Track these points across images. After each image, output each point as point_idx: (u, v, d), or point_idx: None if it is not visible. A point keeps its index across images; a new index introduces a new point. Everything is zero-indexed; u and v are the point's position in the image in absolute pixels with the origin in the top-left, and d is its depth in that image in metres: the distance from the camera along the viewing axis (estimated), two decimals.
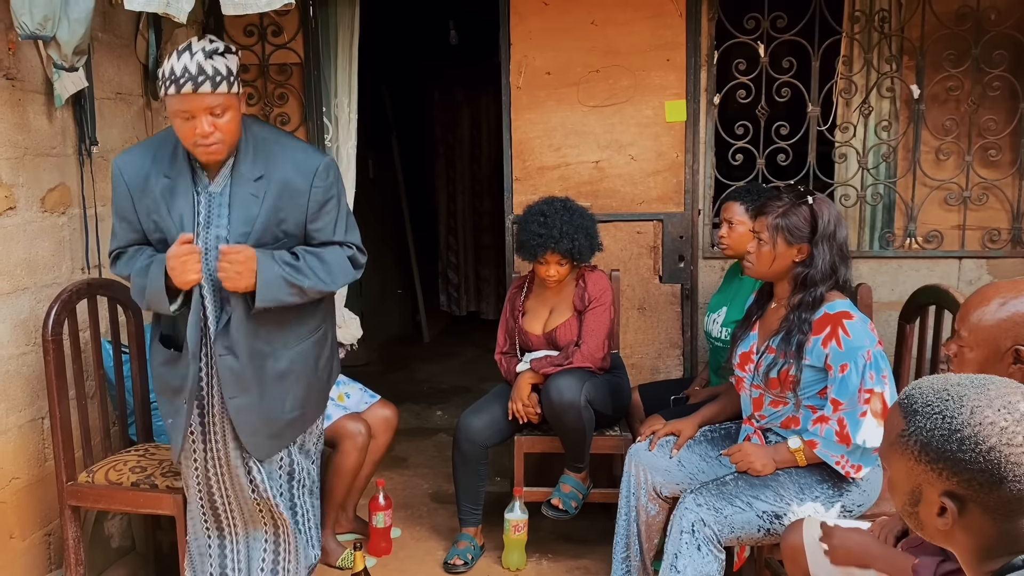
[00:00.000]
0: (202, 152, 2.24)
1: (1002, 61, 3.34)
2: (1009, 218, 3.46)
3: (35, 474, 2.92)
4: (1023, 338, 1.66)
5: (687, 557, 2.34)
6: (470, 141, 7.31)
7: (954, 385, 1.14)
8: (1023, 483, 1.07)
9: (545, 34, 3.56)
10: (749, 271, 2.55)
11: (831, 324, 2.36)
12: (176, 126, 2.24)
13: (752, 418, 2.56)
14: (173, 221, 2.32)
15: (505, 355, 3.31)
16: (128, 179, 2.34)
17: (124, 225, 2.39)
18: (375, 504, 3.22)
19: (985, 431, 1.08)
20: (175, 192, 2.32)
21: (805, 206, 2.41)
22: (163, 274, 2.26)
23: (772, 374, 2.42)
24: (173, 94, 2.18)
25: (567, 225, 3.02)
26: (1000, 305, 1.69)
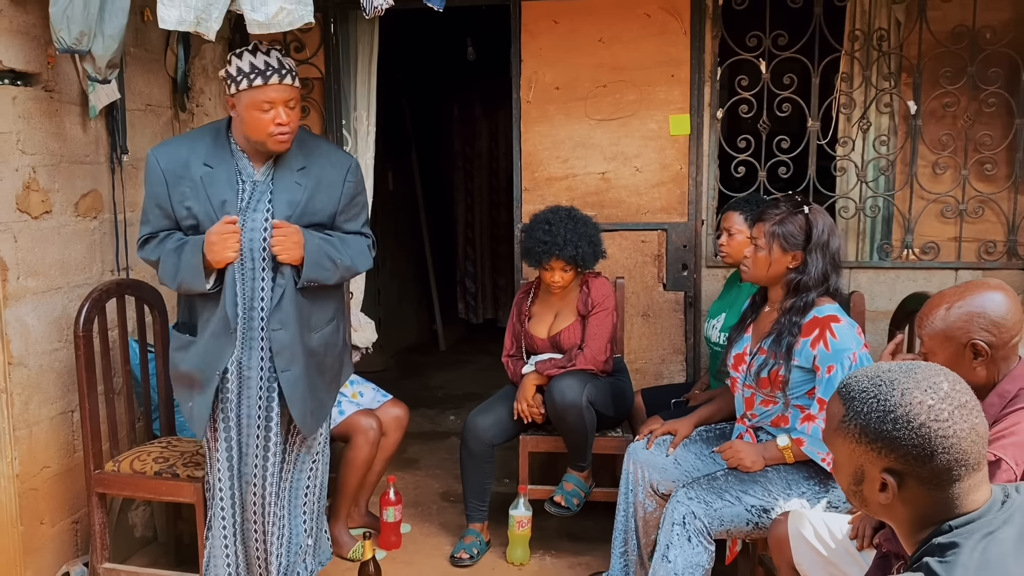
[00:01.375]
0: (276, 141, 2.43)
1: (997, 78, 3.44)
2: (1004, 231, 3.55)
3: (64, 464, 3.08)
4: (975, 334, 1.79)
5: (678, 548, 2.45)
6: (488, 154, 7.49)
7: (886, 372, 1.26)
8: (951, 453, 1.19)
9: (555, 51, 3.71)
10: (745, 275, 2.67)
11: (819, 327, 2.47)
12: (253, 117, 2.40)
13: (744, 417, 2.67)
14: (213, 205, 2.45)
15: (511, 358, 3.44)
16: (164, 167, 2.46)
17: (157, 211, 2.50)
18: (386, 499, 3.35)
19: (915, 410, 1.20)
20: (216, 179, 2.46)
21: (801, 215, 2.53)
22: (200, 252, 2.41)
23: (763, 374, 2.54)
24: (260, 85, 2.37)
25: (571, 233, 3.14)
26: (947, 310, 1.84)
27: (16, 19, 2.80)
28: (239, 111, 2.43)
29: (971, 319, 1.82)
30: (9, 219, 2.81)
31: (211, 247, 2.40)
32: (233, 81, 2.40)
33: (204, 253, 2.42)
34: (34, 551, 2.90)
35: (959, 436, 1.19)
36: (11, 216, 2.82)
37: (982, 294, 1.86)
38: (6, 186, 2.80)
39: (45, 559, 3.00)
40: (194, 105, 3.81)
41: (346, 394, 3.37)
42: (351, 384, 3.45)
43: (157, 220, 2.51)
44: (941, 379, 1.24)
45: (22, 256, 2.88)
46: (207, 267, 2.45)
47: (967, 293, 1.86)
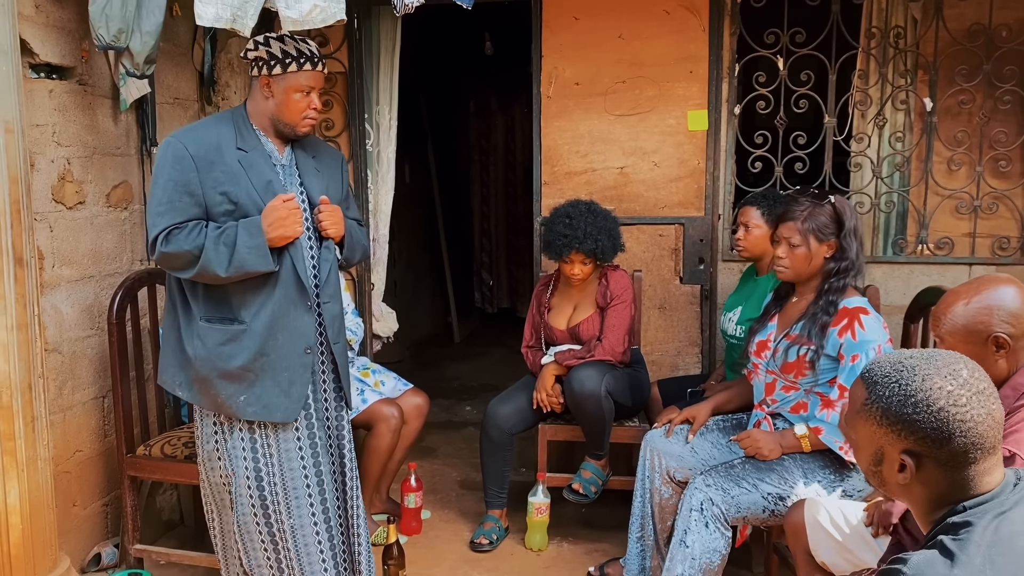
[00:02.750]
0: (306, 124, 2.51)
1: (1012, 76, 3.48)
2: (1018, 227, 3.59)
3: (96, 448, 3.17)
4: (997, 327, 1.84)
5: (695, 533, 2.51)
6: (504, 148, 7.57)
7: (907, 359, 1.33)
8: (968, 437, 1.25)
9: (575, 47, 3.76)
10: (785, 275, 2.68)
11: (848, 317, 2.53)
12: (291, 100, 2.44)
13: (764, 403, 2.73)
14: (256, 187, 2.43)
15: (531, 348, 3.51)
16: (194, 153, 2.38)
17: (186, 200, 2.39)
18: (407, 486, 3.43)
19: (935, 394, 1.26)
20: (254, 162, 2.46)
21: (828, 205, 2.61)
22: (260, 233, 2.36)
23: (790, 358, 2.60)
24: (308, 70, 2.44)
25: (591, 226, 3.20)
26: (965, 305, 1.88)
27: (53, 14, 2.88)
28: (276, 92, 2.45)
29: (991, 312, 1.85)
30: (45, 209, 2.89)
31: (278, 223, 2.38)
32: (278, 62, 2.42)
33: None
34: (67, 532, 2.98)
35: (976, 421, 1.26)
36: (47, 206, 2.91)
37: (997, 288, 1.89)
38: (42, 177, 2.88)
39: (78, 540, 3.09)
40: (220, 99, 3.89)
41: (368, 383, 3.45)
42: (373, 373, 3.53)
43: (185, 208, 2.39)
44: (961, 366, 1.30)
45: (57, 245, 2.96)
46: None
47: (982, 288, 1.89)
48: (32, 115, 2.79)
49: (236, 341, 2.45)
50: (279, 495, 2.53)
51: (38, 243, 2.85)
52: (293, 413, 2.52)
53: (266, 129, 2.52)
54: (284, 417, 2.50)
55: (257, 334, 2.45)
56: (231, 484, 2.55)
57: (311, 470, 2.58)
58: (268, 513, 2.53)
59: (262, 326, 2.45)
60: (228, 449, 2.54)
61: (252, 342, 2.45)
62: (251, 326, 2.45)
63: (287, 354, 2.49)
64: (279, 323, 2.46)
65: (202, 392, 2.50)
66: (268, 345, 2.46)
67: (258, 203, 2.43)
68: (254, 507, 2.53)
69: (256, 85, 2.48)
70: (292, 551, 2.56)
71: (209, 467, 2.60)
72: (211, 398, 2.49)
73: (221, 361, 2.45)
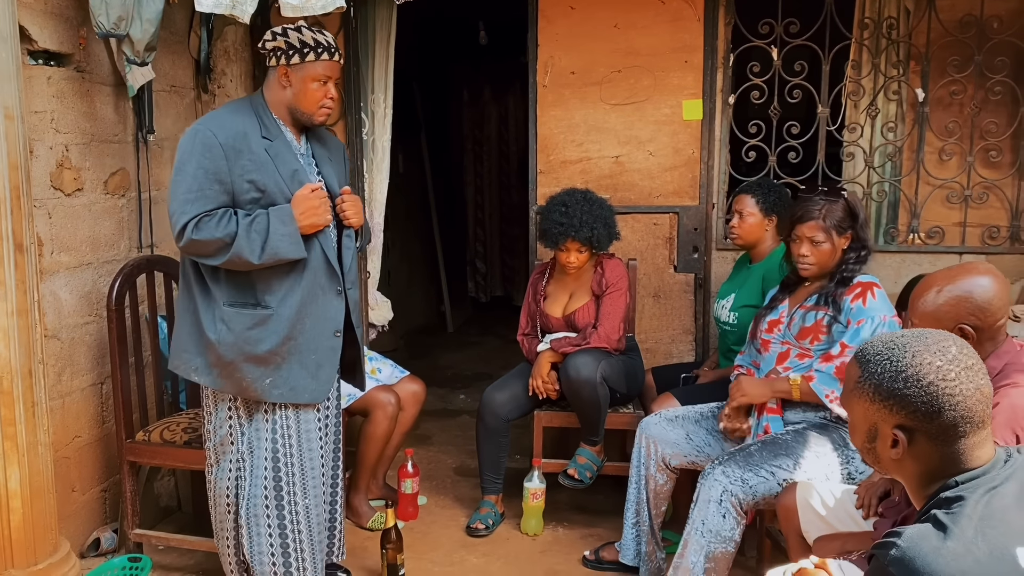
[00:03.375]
0: (323, 113, 2.55)
1: (1004, 67, 3.52)
2: (1008, 216, 3.64)
3: (94, 434, 3.18)
4: (962, 318, 1.91)
5: (712, 523, 2.55)
6: (497, 137, 7.59)
7: (899, 338, 1.37)
8: (957, 411, 1.29)
9: (570, 36, 3.78)
10: (809, 271, 2.75)
11: (862, 287, 2.65)
12: (309, 89, 2.49)
13: (773, 372, 2.77)
14: (283, 176, 2.48)
15: (527, 336, 3.54)
16: (224, 141, 2.41)
17: (216, 188, 2.42)
18: (404, 472, 3.46)
19: (924, 369, 1.31)
20: (280, 151, 2.51)
21: (842, 200, 2.72)
22: (292, 221, 2.43)
23: (807, 322, 2.70)
24: (325, 60, 2.49)
25: (587, 215, 3.23)
26: (937, 293, 1.94)
27: (51, 1, 2.88)
28: (294, 82, 2.49)
29: (958, 304, 1.91)
30: (44, 196, 2.90)
31: (309, 212, 2.45)
32: (296, 52, 2.46)
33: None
34: (66, 517, 3.00)
35: (965, 395, 1.30)
36: (46, 193, 2.91)
37: (970, 278, 1.94)
38: (41, 164, 2.89)
39: (77, 525, 3.11)
40: (216, 86, 3.89)
41: (365, 370, 3.46)
42: (370, 360, 3.56)
43: (215, 196, 2.42)
44: (949, 343, 1.34)
45: (55, 232, 2.97)
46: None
47: (956, 277, 1.95)
48: (31, 102, 2.79)
49: (263, 326, 2.50)
50: (295, 476, 2.60)
51: (37, 229, 2.85)
52: (321, 395, 2.60)
53: (284, 118, 2.56)
54: (311, 399, 2.58)
55: (285, 319, 2.51)
56: (242, 469, 2.59)
57: (327, 449, 2.71)
58: (281, 496, 2.58)
59: (290, 311, 2.51)
60: (247, 433, 2.59)
61: (280, 326, 2.50)
62: (278, 311, 2.50)
63: (316, 337, 2.56)
64: (307, 308, 2.53)
65: (224, 376, 2.53)
66: (296, 329, 2.52)
67: (284, 191, 2.48)
68: (267, 489, 2.57)
69: (274, 75, 2.52)
70: (304, 532, 2.62)
71: (221, 452, 2.64)
72: (235, 382, 2.52)
73: (248, 345, 2.49)
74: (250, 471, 2.59)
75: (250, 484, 2.58)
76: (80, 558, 3.01)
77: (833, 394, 2.57)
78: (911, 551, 1.23)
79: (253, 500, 2.58)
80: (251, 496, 2.58)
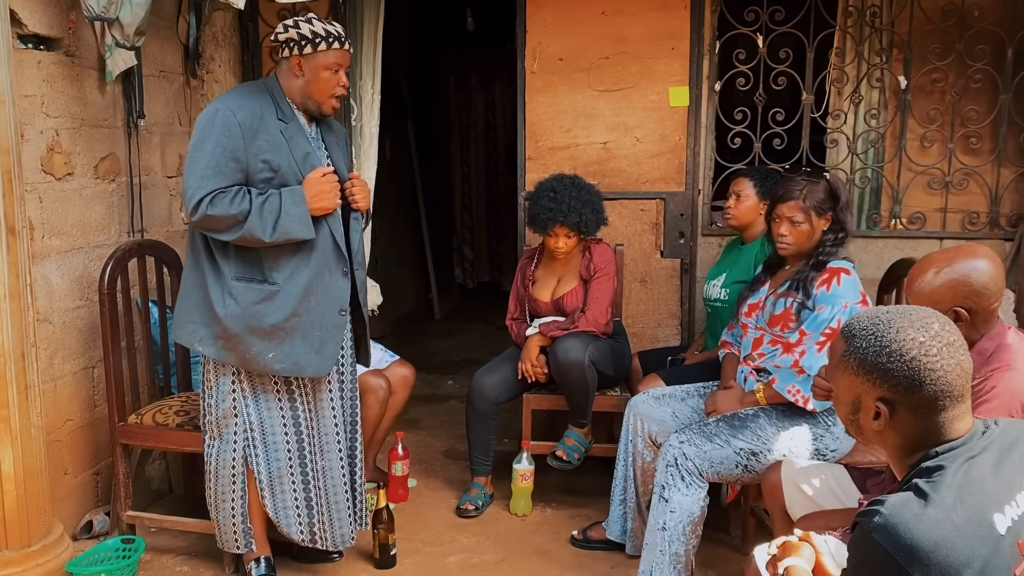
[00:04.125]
0: (335, 102, 2.66)
1: (984, 55, 3.58)
2: (988, 202, 3.70)
3: (86, 417, 3.20)
4: (958, 301, 1.96)
5: (673, 488, 2.62)
6: (484, 124, 7.61)
7: (884, 313, 1.42)
8: (938, 385, 1.34)
9: (559, 23, 3.81)
10: (787, 251, 2.79)
11: (831, 273, 2.69)
12: (323, 78, 2.59)
13: (749, 358, 2.83)
14: (296, 159, 2.59)
15: (515, 320, 3.58)
16: (242, 121, 2.50)
17: (232, 166, 2.50)
18: (394, 454, 3.49)
19: (907, 345, 1.36)
20: (295, 134, 2.61)
21: (824, 182, 2.75)
22: (303, 202, 2.53)
23: (777, 310, 2.74)
24: (336, 48, 2.59)
25: (575, 200, 3.27)
26: (935, 274, 1.99)
27: None
28: (308, 71, 2.59)
29: (954, 287, 1.97)
30: (35, 180, 2.91)
31: (321, 195, 2.56)
32: (309, 43, 2.56)
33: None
34: (59, 500, 3.02)
35: (946, 370, 1.35)
36: (37, 177, 2.92)
37: (967, 261, 1.99)
38: (32, 148, 2.89)
39: (69, 508, 3.12)
40: (204, 72, 3.89)
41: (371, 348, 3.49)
42: None
43: (231, 174, 2.51)
44: (932, 320, 1.39)
45: (47, 216, 2.98)
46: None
47: (954, 260, 2.00)
48: (21, 86, 2.79)
49: (270, 301, 2.59)
50: (316, 439, 2.78)
51: (28, 213, 2.85)
52: (324, 369, 2.69)
53: (297, 105, 2.66)
54: (315, 372, 2.68)
55: (291, 295, 2.60)
56: (251, 440, 2.70)
57: (343, 419, 2.83)
58: (304, 458, 2.74)
59: (297, 288, 2.60)
60: (252, 406, 2.70)
61: (286, 302, 2.60)
62: (285, 287, 2.60)
63: (321, 315, 2.65)
64: (314, 286, 2.63)
65: (228, 348, 2.62)
66: (302, 306, 2.61)
67: (297, 173, 2.58)
68: (289, 454, 2.72)
69: (287, 65, 2.61)
70: (323, 491, 2.80)
71: (224, 425, 2.73)
72: (239, 354, 2.61)
73: (254, 319, 2.58)
74: (262, 441, 2.71)
75: (267, 454, 2.72)
76: (72, 540, 3.03)
77: (794, 388, 2.63)
78: (893, 518, 1.28)
79: (276, 465, 2.73)
80: (272, 463, 2.72)
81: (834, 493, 2.33)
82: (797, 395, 2.62)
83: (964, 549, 1.24)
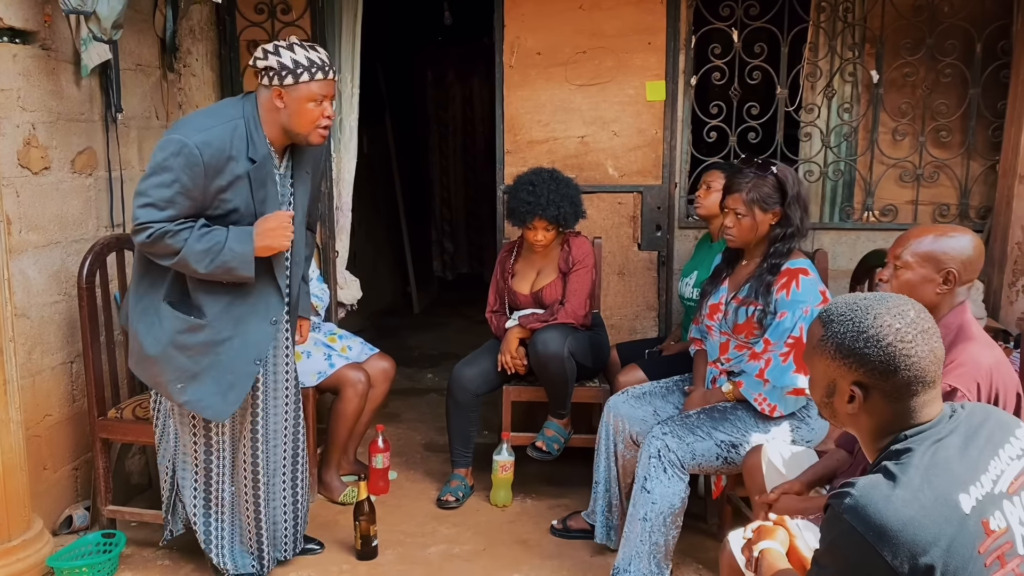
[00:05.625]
0: (320, 134, 2.52)
1: (953, 50, 3.65)
2: (957, 194, 3.78)
3: (65, 412, 3.19)
4: (952, 263, 2.08)
5: (655, 480, 2.65)
6: (462, 118, 7.62)
7: (862, 299, 1.47)
8: (912, 371, 1.39)
9: (536, 16, 3.84)
10: (733, 242, 2.82)
11: (788, 276, 2.68)
12: (305, 110, 2.45)
13: (718, 361, 2.87)
14: (255, 199, 2.49)
15: (495, 313, 3.61)
16: (207, 160, 2.39)
17: (186, 202, 2.42)
18: (374, 447, 3.51)
19: (884, 331, 1.40)
20: (259, 176, 2.49)
21: (771, 176, 2.72)
22: (250, 242, 2.46)
23: (740, 319, 2.74)
24: (320, 79, 2.45)
25: (554, 194, 3.30)
26: (936, 238, 2.12)
27: None
28: (290, 103, 2.45)
29: (954, 251, 2.09)
30: (12, 174, 2.89)
31: (269, 234, 2.48)
32: (290, 73, 2.42)
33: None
34: (38, 495, 3.00)
35: (920, 356, 1.39)
36: (13, 171, 2.90)
37: (964, 236, 2.13)
38: (8, 142, 2.88)
39: (48, 503, 3.11)
40: (181, 65, 3.88)
41: (335, 348, 3.50)
42: (340, 339, 3.59)
43: (184, 210, 2.43)
44: (908, 307, 1.44)
45: (24, 210, 2.96)
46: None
47: (953, 231, 2.15)
48: None
49: (193, 333, 2.55)
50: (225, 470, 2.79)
51: (5, 208, 2.84)
52: (224, 414, 2.63)
53: (274, 138, 2.53)
54: (214, 416, 2.63)
55: (215, 332, 2.55)
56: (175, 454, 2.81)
57: (249, 456, 2.78)
58: (210, 482, 2.80)
59: (223, 327, 2.55)
60: (177, 418, 2.77)
61: (209, 339, 2.55)
62: (211, 324, 2.55)
63: (236, 359, 2.59)
64: (239, 329, 2.57)
65: (142, 364, 2.63)
66: (222, 347, 2.56)
67: (252, 213, 2.51)
68: (196, 475, 2.81)
69: (267, 94, 2.47)
70: (226, 517, 2.84)
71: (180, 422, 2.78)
72: (151, 375, 2.63)
73: (172, 347, 2.55)
74: (181, 455, 2.80)
75: (183, 465, 2.80)
76: (52, 535, 3.02)
77: (760, 396, 2.67)
78: (863, 499, 1.32)
79: (182, 475, 2.80)
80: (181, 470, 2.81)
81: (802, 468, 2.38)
82: (763, 403, 2.67)
83: (931, 528, 1.29)
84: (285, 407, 2.83)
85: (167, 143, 2.41)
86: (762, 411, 2.67)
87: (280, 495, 2.88)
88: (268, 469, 2.81)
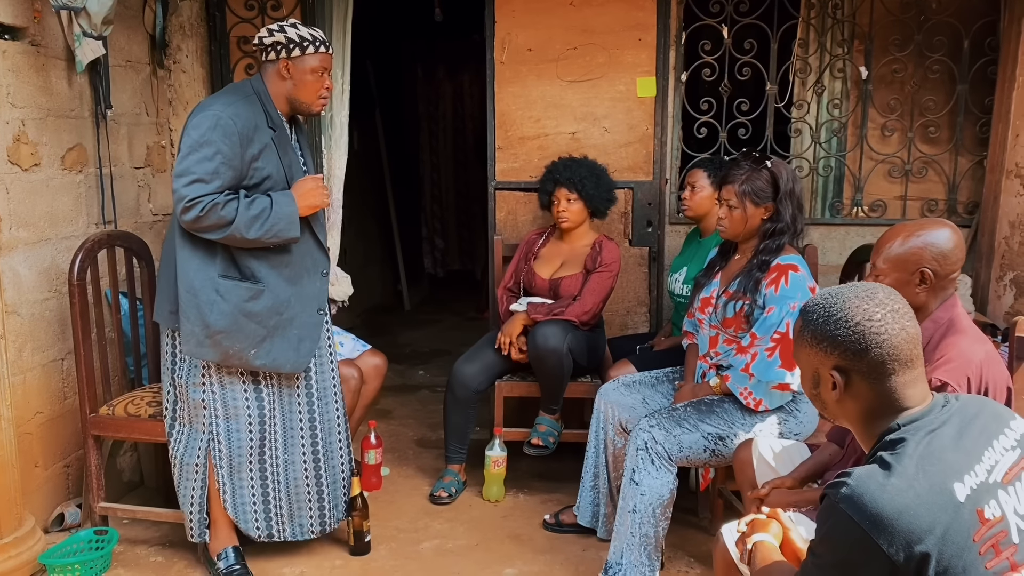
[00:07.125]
0: (321, 104, 2.74)
1: (941, 47, 3.68)
2: (946, 189, 3.81)
3: (56, 410, 3.18)
4: (925, 262, 2.09)
5: (643, 471, 2.67)
6: (453, 114, 7.62)
7: (836, 290, 1.53)
8: (883, 348, 1.43)
9: (527, 13, 3.84)
10: (724, 233, 2.83)
11: (778, 271, 2.69)
12: (307, 81, 2.67)
13: (707, 355, 2.88)
14: (283, 164, 2.69)
15: (508, 291, 3.62)
16: (240, 129, 2.57)
17: (228, 173, 2.56)
18: (367, 443, 3.51)
19: (852, 312, 1.46)
20: (282, 142, 2.71)
21: (765, 170, 2.73)
22: (293, 203, 2.64)
23: (729, 314, 2.75)
24: (322, 52, 2.67)
25: (582, 168, 3.42)
26: (904, 240, 2.11)
27: None
28: (295, 74, 2.66)
29: (924, 249, 2.08)
30: (2, 171, 2.88)
31: (309, 194, 2.68)
32: (297, 46, 2.63)
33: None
34: (29, 493, 3.00)
35: (890, 334, 1.43)
36: (3, 168, 2.89)
37: (935, 230, 2.11)
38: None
39: (40, 501, 3.10)
40: (171, 62, 3.87)
41: None
42: (333, 335, 3.59)
43: (226, 179, 2.56)
44: (877, 290, 1.50)
45: (14, 207, 2.95)
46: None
47: (922, 228, 2.12)
48: None
49: (256, 299, 2.68)
50: (278, 433, 2.82)
51: None
52: (301, 366, 2.79)
53: (283, 109, 2.73)
54: (292, 369, 2.78)
55: (275, 295, 2.70)
56: (215, 432, 2.77)
57: (306, 415, 2.87)
58: (264, 451, 2.80)
59: (281, 287, 2.71)
60: (221, 398, 2.75)
61: (271, 301, 2.70)
62: (269, 286, 2.68)
63: (300, 314, 2.76)
64: (295, 286, 2.74)
65: (211, 345, 2.68)
66: (284, 305, 2.72)
67: (283, 178, 2.68)
68: (251, 451, 2.78)
69: (273, 68, 2.68)
70: (282, 484, 2.86)
71: (194, 416, 2.79)
72: (221, 350, 2.68)
73: (243, 316, 2.66)
74: (226, 434, 2.76)
75: (229, 445, 2.77)
76: (44, 533, 3.01)
77: (746, 390, 2.69)
78: (859, 488, 1.34)
79: (237, 459, 2.78)
80: (233, 456, 2.77)
81: (792, 462, 2.39)
82: (749, 398, 2.69)
83: (926, 517, 1.30)
84: (332, 368, 2.98)
85: (201, 120, 2.56)
86: (747, 405, 2.69)
87: (338, 452, 3.00)
88: (324, 427, 2.93)
